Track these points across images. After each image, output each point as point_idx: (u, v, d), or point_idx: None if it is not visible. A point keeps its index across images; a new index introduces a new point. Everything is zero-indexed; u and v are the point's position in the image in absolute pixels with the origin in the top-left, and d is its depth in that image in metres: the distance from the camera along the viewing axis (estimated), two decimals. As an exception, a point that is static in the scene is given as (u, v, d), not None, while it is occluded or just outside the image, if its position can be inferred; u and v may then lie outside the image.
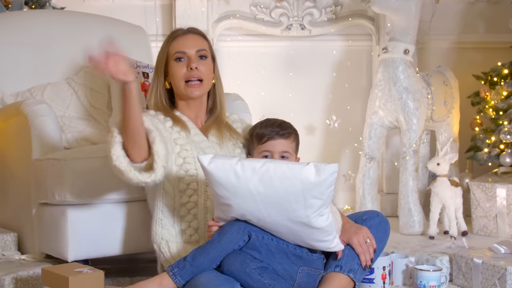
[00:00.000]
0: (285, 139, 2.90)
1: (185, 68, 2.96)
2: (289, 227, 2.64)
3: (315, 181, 2.55)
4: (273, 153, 2.88)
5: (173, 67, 2.98)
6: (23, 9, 4.32)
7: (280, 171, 2.56)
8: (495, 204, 4.07)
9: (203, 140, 3.00)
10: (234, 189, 2.58)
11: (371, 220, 2.93)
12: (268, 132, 2.90)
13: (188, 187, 2.89)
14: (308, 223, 2.61)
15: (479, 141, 4.39)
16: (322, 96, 4.94)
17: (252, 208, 2.60)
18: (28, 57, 3.90)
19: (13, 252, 3.46)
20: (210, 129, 3.05)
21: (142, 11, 4.79)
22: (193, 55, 2.98)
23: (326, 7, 4.76)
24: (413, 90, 4.18)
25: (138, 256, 3.65)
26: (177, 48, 2.99)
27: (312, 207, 2.58)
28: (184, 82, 2.97)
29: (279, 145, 2.89)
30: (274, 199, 2.58)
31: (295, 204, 2.58)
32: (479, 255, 3.22)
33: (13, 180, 3.59)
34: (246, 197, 2.59)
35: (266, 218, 2.62)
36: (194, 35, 3.03)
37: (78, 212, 3.21)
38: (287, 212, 2.60)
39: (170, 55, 3.00)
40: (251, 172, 2.57)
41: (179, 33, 3.02)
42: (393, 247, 3.68)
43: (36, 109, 3.38)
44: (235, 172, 2.58)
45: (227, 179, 2.58)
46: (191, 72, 2.96)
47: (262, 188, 2.57)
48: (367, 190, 4.32)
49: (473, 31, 4.93)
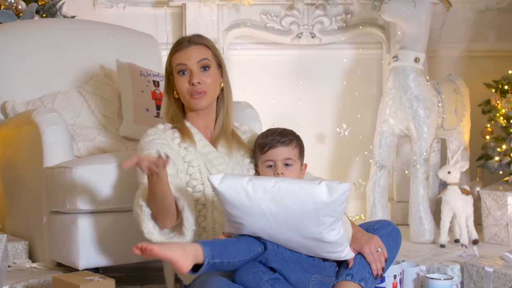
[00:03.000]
0: (286, 146, 2.89)
1: (187, 82, 2.97)
2: (301, 242, 2.64)
3: (328, 200, 2.54)
4: (276, 161, 2.88)
5: (177, 81, 2.99)
6: (34, 17, 4.34)
7: (292, 191, 2.55)
8: (506, 213, 4.06)
9: (212, 151, 3.00)
10: (246, 209, 2.58)
11: (383, 230, 2.92)
12: (269, 141, 2.90)
13: (197, 203, 2.89)
14: (320, 239, 2.62)
15: (490, 150, 4.38)
16: (332, 105, 4.94)
17: (264, 226, 2.60)
18: (39, 65, 3.91)
19: (24, 260, 3.46)
20: (219, 139, 3.04)
21: (153, 20, 4.80)
22: (195, 67, 2.97)
23: (336, 16, 4.76)
24: (423, 98, 4.18)
25: (149, 264, 3.65)
26: (178, 61, 2.98)
27: (325, 224, 2.59)
28: (188, 95, 2.97)
29: (281, 153, 2.89)
30: (286, 218, 2.57)
31: (308, 222, 2.58)
32: (490, 263, 3.21)
33: (24, 189, 3.60)
34: (258, 216, 2.58)
35: (278, 235, 2.62)
36: (196, 46, 3.01)
37: (88, 220, 3.21)
38: (299, 229, 2.59)
39: (173, 67, 3.00)
40: (262, 192, 2.56)
41: (181, 46, 3.01)
42: (404, 256, 3.67)
43: (47, 118, 3.39)
44: (246, 192, 2.57)
45: (238, 199, 2.57)
46: (194, 88, 2.96)
47: (274, 208, 2.56)
48: (378, 198, 4.31)
49: (484, 39, 4.92)
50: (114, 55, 4.00)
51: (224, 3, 4.67)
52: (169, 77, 3.04)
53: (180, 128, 2.99)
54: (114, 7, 4.78)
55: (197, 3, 4.63)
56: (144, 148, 2.86)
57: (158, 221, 2.76)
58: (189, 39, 3.03)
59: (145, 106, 3.77)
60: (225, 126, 3.07)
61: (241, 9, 4.73)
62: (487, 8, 4.89)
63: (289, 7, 4.75)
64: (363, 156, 4.89)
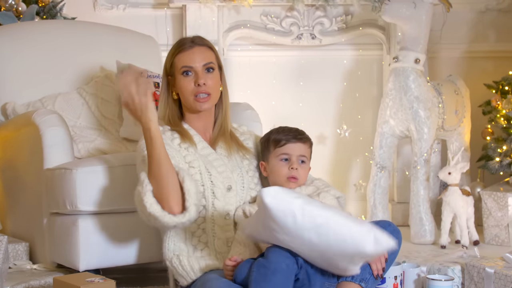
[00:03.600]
0: (303, 143, 2.94)
1: (193, 83, 2.95)
2: (323, 266, 2.67)
3: (370, 252, 2.54)
4: (292, 156, 2.91)
5: (181, 82, 2.97)
6: (34, 19, 4.34)
7: (340, 232, 2.51)
8: (507, 213, 4.06)
9: (211, 153, 2.99)
10: (287, 230, 2.53)
11: (383, 230, 2.92)
12: (285, 137, 2.93)
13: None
14: (344, 269, 2.65)
15: (490, 150, 4.38)
16: (333, 106, 4.94)
17: (296, 247, 2.58)
18: (39, 67, 3.92)
19: (24, 262, 3.46)
20: (217, 141, 3.04)
21: (153, 21, 4.80)
22: (200, 69, 2.96)
23: (337, 17, 4.76)
24: (424, 99, 4.17)
25: (149, 265, 3.65)
26: (183, 62, 2.97)
27: (355, 264, 2.62)
28: (193, 97, 2.96)
29: (297, 148, 2.92)
30: (322, 250, 2.56)
31: (341, 259, 2.59)
32: (491, 264, 3.21)
33: (24, 190, 3.60)
34: (295, 239, 2.55)
35: (305, 256, 2.62)
36: (201, 47, 3.01)
37: (89, 222, 3.21)
38: (328, 260, 2.61)
39: (176, 68, 2.98)
40: (310, 223, 2.50)
41: (185, 47, 2.99)
42: (405, 257, 3.67)
43: (48, 119, 3.39)
44: (294, 217, 2.49)
45: (284, 220, 2.51)
46: (199, 88, 2.95)
47: (315, 239, 2.52)
48: (378, 199, 4.31)
49: (484, 40, 4.92)
50: (115, 56, 4.00)
51: (224, 4, 4.67)
52: (167, 78, 3.03)
53: (178, 131, 2.99)
54: (115, 9, 4.79)
55: (197, 4, 4.64)
56: (144, 148, 2.85)
57: (164, 204, 2.75)
58: (192, 40, 3.02)
59: (145, 107, 3.77)
60: (223, 127, 3.07)
61: (241, 11, 4.73)
62: (487, 8, 4.89)
63: (289, 8, 4.75)
64: (363, 157, 4.89)
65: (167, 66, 3.02)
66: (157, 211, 2.74)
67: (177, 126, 3.00)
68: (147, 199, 2.74)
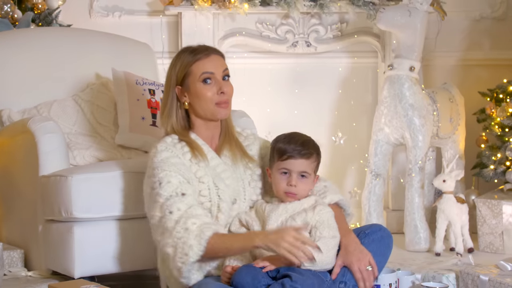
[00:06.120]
0: (306, 159, 2.89)
1: (214, 91, 2.91)
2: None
3: None
4: (292, 172, 2.88)
5: (201, 89, 2.91)
6: (30, 26, 4.34)
7: None
8: (501, 221, 4.06)
9: (219, 164, 2.95)
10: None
11: (374, 234, 2.93)
12: (290, 150, 2.88)
13: None
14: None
15: (485, 158, 4.39)
16: (328, 113, 4.94)
17: None
18: (35, 74, 3.92)
19: (19, 269, 3.46)
20: (223, 148, 3.01)
21: (148, 28, 4.80)
22: (220, 76, 2.94)
23: (332, 24, 4.77)
24: (418, 107, 4.18)
25: (144, 272, 3.64)
26: (204, 69, 2.92)
27: None
28: (213, 105, 2.92)
29: (299, 165, 2.88)
30: None
31: None
32: (485, 272, 3.22)
33: (19, 197, 3.60)
34: None
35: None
36: (217, 55, 2.98)
37: (84, 229, 3.21)
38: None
39: (195, 76, 2.92)
40: None
41: (202, 55, 2.94)
42: (399, 264, 3.67)
43: (43, 126, 3.39)
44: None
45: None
46: (222, 96, 2.92)
47: None
48: (373, 207, 4.31)
49: (479, 48, 4.94)
50: (110, 63, 4.01)
51: (220, 12, 4.68)
52: (175, 88, 2.96)
53: (188, 142, 2.94)
54: (110, 16, 4.79)
55: (192, 12, 4.64)
56: (159, 168, 2.82)
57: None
58: (206, 48, 2.98)
59: (140, 114, 3.77)
60: (229, 134, 3.04)
61: (237, 18, 4.74)
62: (482, 17, 4.91)
63: (284, 16, 4.76)
64: (358, 165, 4.89)
65: (178, 76, 2.95)
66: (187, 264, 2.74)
67: (185, 137, 2.95)
68: (193, 256, 2.72)
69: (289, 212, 2.86)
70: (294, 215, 2.85)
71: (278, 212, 2.87)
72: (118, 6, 4.83)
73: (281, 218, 2.86)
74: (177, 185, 2.80)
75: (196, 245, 2.69)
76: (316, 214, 2.84)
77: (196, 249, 2.69)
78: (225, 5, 4.60)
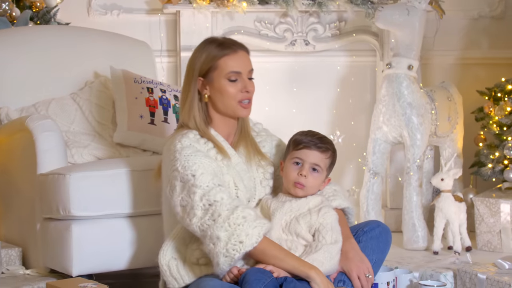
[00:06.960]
0: (321, 152, 2.88)
1: (239, 89, 2.89)
2: None
3: None
4: (304, 162, 2.86)
5: (226, 86, 2.88)
6: (28, 24, 4.34)
7: None
8: (499, 220, 4.07)
9: (239, 163, 2.93)
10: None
11: (372, 232, 2.93)
12: (306, 141, 2.88)
13: None
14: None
15: (483, 157, 4.40)
16: (326, 112, 4.94)
17: None
18: (33, 72, 3.92)
19: (17, 267, 3.46)
20: (238, 146, 2.98)
21: (147, 27, 4.80)
22: (246, 75, 2.92)
23: (330, 23, 4.77)
24: (417, 105, 4.18)
25: (142, 271, 3.65)
26: (232, 68, 2.88)
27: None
28: (236, 102, 2.89)
29: (312, 156, 2.87)
30: None
31: None
32: (483, 270, 3.22)
33: (17, 195, 3.60)
34: None
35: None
36: (244, 52, 2.95)
37: (82, 227, 3.21)
38: None
39: (221, 71, 2.87)
40: None
41: (230, 50, 2.90)
42: (397, 263, 3.68)
43: (41, 124, 3.39)
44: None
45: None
46: (246, 95, 2.90)
47: None
48: (371, 205, 4.31)
49: (477, 47, 4.94)
50: (108, 62, 4.01)
51: (218, 10, 4.68)
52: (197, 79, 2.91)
53: (209, 138, 2.90)
54: (108, 14, 4.79)
55: (191, 10, 4.64)
56: (190, 161, 2.77)
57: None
58: (233, 43, 2.94)
59: (139, 112, 3.77)
60: (244, 131, 3.01)
61: (235, 17, 4.74)
62: (480, 15, 4.91)
63: (283, 15, 4.76)
64: (356, 163, 4.89)
65: (203, 68, 2.90)
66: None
67: (205, 133, 2.91)
68: (247, 245, 2.68)
69: (294, 211, 2.85)
70: (298, 217, 2.83)
71: (283, 210, 2.85)
72: (116, 4, 4.82)
73: (285, 218, 2.84)
74: (212, 176, 2.76)
75: (255, 235, 2.67)
76: (320, 217, 2.83)
77: (254, 239, 2.66)
78: (223, 4, 4.60)
